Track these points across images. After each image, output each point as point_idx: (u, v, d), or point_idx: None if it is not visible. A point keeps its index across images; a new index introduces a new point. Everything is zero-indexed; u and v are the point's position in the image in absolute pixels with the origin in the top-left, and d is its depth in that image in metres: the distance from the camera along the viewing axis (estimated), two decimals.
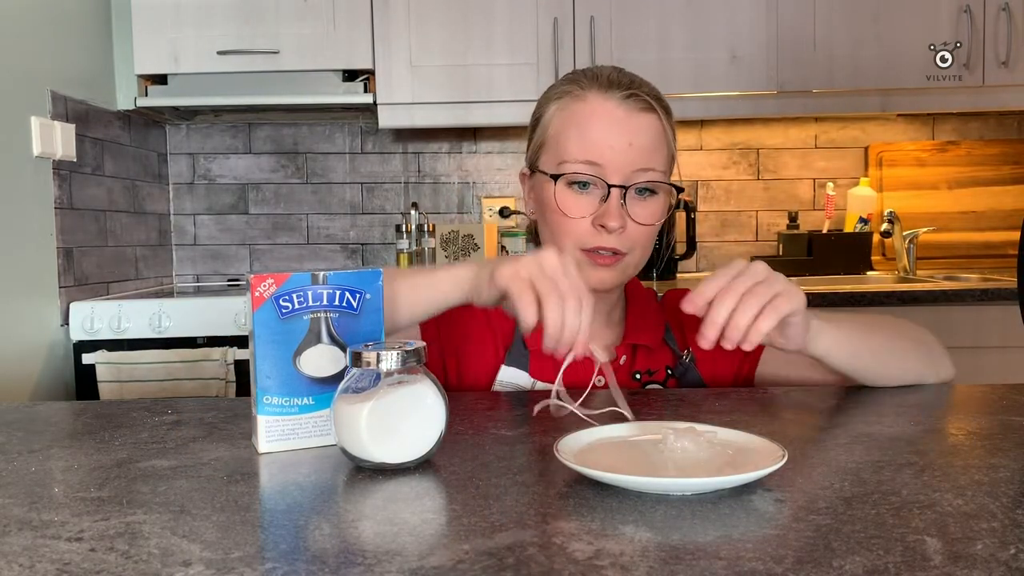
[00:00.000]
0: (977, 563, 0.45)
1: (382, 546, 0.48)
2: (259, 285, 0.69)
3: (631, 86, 0.97)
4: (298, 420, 0.71)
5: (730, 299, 0.75)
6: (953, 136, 2.71)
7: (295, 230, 2.77)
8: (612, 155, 0.94)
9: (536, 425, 0.78)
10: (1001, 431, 0.73)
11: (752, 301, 0.75)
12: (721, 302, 0.75)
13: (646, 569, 0.44)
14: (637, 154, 0.95)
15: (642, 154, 0.95)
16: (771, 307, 0.75)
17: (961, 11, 2.30)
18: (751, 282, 0.76)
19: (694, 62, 2.34)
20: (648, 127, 0.96)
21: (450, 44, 2.36)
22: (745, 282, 0.76)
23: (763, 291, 0.76)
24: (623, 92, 0.96)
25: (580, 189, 0.96)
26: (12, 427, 0.80)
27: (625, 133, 0.95)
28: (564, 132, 0.97)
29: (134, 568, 0.46)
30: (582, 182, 0.96)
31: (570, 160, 0.96)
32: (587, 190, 0.96)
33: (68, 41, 2.17)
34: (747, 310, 0.74)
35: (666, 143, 0.98)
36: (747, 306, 0.74)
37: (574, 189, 0.96)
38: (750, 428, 0.70)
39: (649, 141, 0.96)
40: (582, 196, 0.96)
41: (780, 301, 0.76)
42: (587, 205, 0.96)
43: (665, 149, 0.98)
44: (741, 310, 0.74)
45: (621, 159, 0.94)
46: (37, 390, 1.98)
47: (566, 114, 0.98)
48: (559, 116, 0.98)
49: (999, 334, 2.08)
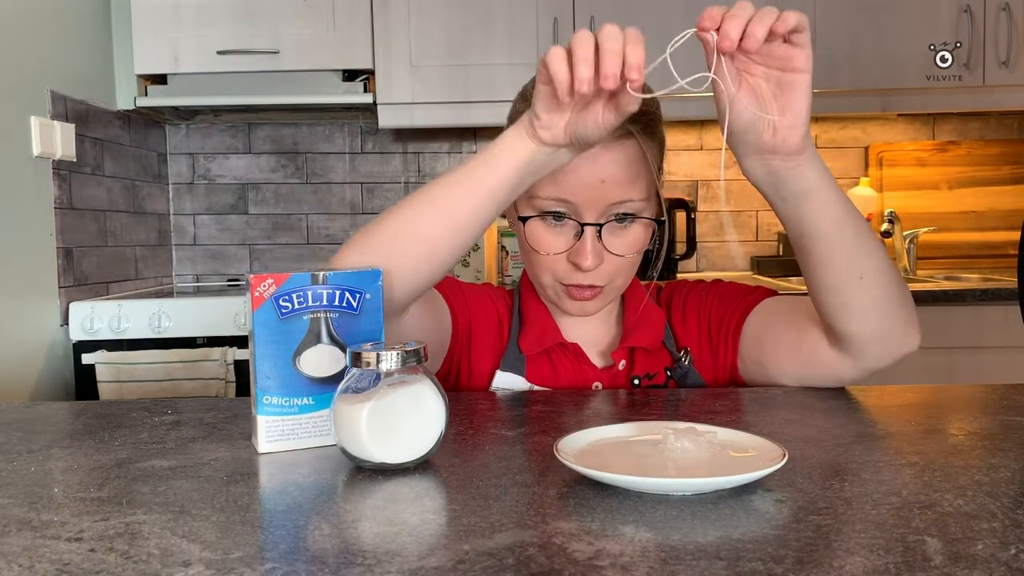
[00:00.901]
0: (977, 563, 0.45)
1: (382, 546, 0.48)
2: (259, 285, 0.69)
3: None
4: (297, 420, 0.71)
5: (747, 7, 0.70)
6: (953, 136, 2.71)
7: (295, 230, 2.77)
8: (585, 193, 0.89)
9: (536, 425, 0.78)
10: (1001, 431, 0.73)
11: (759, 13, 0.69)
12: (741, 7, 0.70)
13: (646, 569, 0.44)
14: (612, 189, 0.89)
15: (617, 188, 0.89)
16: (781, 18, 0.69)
17: (961, 11, 2.30)
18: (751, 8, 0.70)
19: (694, 62, 2.33)
20: (623, 158, 0.89)
21: (450, 44, 2.36)
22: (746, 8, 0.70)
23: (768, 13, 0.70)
24: None
25: (555, 221, 0.92)
26: (12, 427, 0.80)
27: (598, 170, 0.88)
28: None
29: (134, 568, 0.46)
30: (556, 213, 0.91)
31: (541, 196, 0.90)
32: (561, 223, 0.92)
33: (68, 41, 2.17)
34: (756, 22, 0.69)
35: (646, 166, 0.92)
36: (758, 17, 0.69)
37: (548, 222, 0.92)
38: (750, 428, 0.70)
39: (625, 173, 0.89)
40: (555, 230, 0.92)
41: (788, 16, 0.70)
42: (561, 242, 0.92)
43: (645, 173, 0.92)
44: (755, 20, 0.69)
45: (594, 196, 0.89)
46: (37, 390, 1.98)
47: None
48: None
49: (999, 334, 2.08)
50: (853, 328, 0.85)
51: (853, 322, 0.84)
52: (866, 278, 0.81)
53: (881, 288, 0.83)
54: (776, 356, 0.95)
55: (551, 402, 0.88)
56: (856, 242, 0.81)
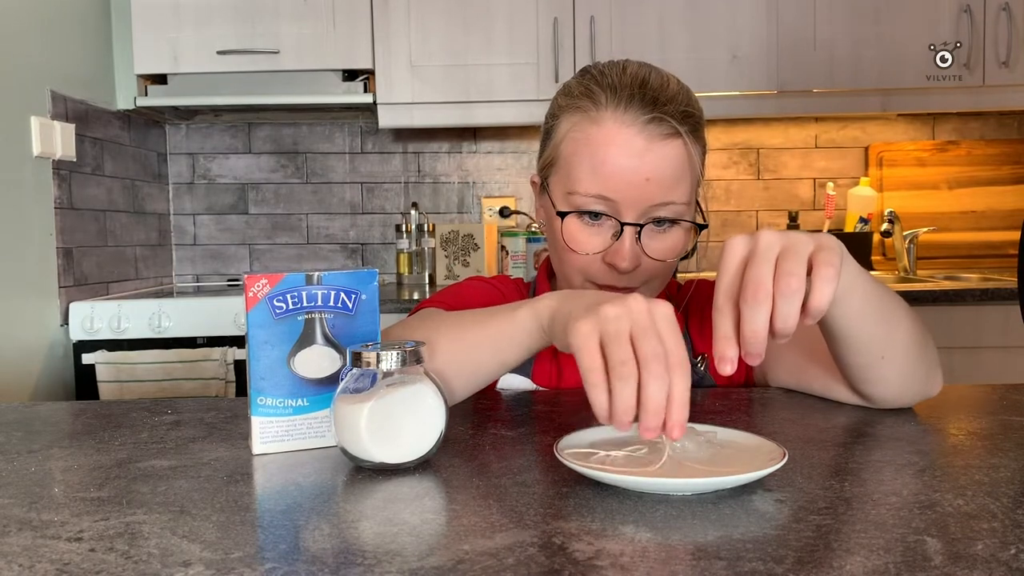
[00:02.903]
0: (978, 563, 0.45)
1: (382, 546, 0.48)
2: (253, 285, 0.68)
3: (655, 105, 0.86)
4: (292, 421, 0.70)
5: (762, 300, 0.58)
6: (953, 136, 2.71)
7: (295, 230, 2.77)
8: (627, 191, 0.85)
9: (536, 425, 0.78)
10: (1001, 431, 0.73)
11: (786, 286, 0.58)
12: (753, 308, 0.58)
13: (646, 569, 0.44)
14: (656, 189, 0.86)
15: (661, 189, 0.86)
16: (816, 279, 0.59)
17: (961, 11, 2.30)
18: (769, 265, 0.59)
19: (694, 62, 2.34)
20: (670, 157, 0.86)
21: (450, 44, 2.36)
22: (762, 266, 0.59)
23: (791, 267, 0.59)
24: (645, 115, 0.85)
25: (592, 220, 0.88)
26: (12, 427, 0.80)
27: (643, 167, 0.85)
28: (576, 159, 0.88)
29: (134, 568, 0.46)
30: (594, 212, 0.88)
31: (581, 192, 0.87)
32: (599, 221, 0.88)
33: (68, 41, 2.17)
34: (784, 303, 0.58)
35: (691, 169, 0.89)
36: (783, 298, 0.58)
37: (585, 220, 0.89)
38: (750, 428, 0.70)
39: (670, 173, 0.86)
40: (593, 229, 0.89)
41: (819, 262, 0.59)
42: (598, 241, 0.88)
43: (689, 176, 0.88)
44: (780, 305, 0.58)
45: (637, 194, 0.86)
46: (37, 390, 1.98)
47: (579, 136, 0.88)
48: (571, 137, 0.89)
49: (999, 334, 2.08)
50: (874, 392, 0.80)
51: (874, 389, 0.80)
52: (887, 357, 0.76)
53: (904, 360, 0.78)
54: (795, 380, 0.90)
55: (551, 402, 0.88)
56: (877, 329, 0.74)
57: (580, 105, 0.89)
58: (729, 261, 0.62)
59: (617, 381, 0.57)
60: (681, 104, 0.88)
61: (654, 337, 0.58)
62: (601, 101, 0.87)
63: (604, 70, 0.91)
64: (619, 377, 0.57)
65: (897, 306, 0.76)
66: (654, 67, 0.92)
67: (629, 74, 0.89)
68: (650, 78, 0.89)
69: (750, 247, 0.61)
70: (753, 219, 2.75)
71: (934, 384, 0.82)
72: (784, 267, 0.59)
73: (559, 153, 0.91)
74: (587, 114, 0.88)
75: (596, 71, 0.92)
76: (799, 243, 0.60)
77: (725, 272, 0.62)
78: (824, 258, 0.60)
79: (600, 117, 0.87)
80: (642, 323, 0.59)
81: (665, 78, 0.90)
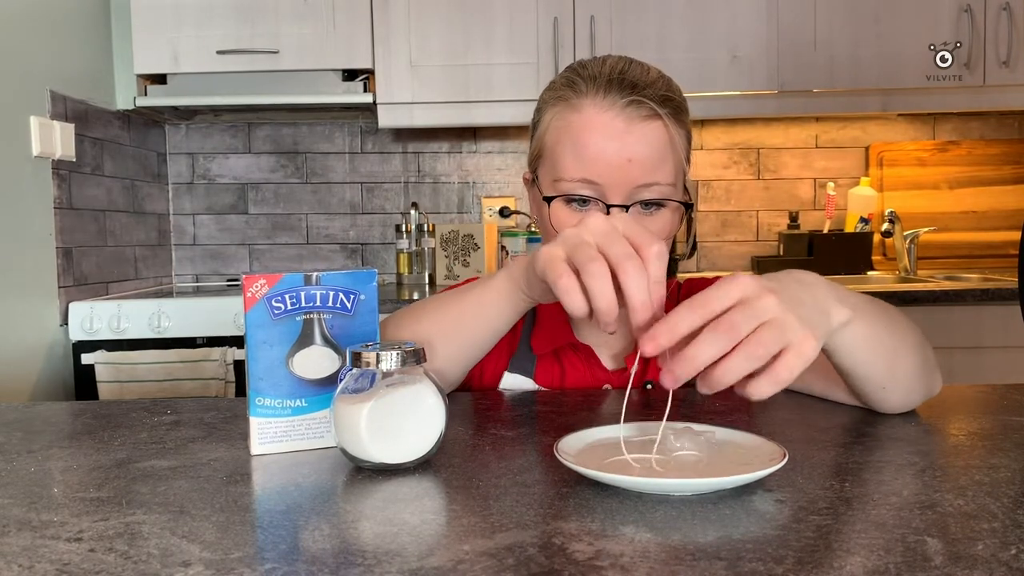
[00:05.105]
0: (978, 563, 0.45)
1: (382, 546, 0.48)
2: (251, 286, 0.68)
3: (634, 89, 0.88)
4: (291, 422, 0.70)
5: (722, 339, 0.55)
6: (954, 136, 2.71)
7: (295, 230, 2.77)
8: (611, 173, 0.87)
9: (536, 425, 0.78)
10: (1001, 431, 0.73)
11: (752, 351, 0.55)
12: (711, 340, 0.55)
13: (646, 570, 0.44)
14: (638, 170, 0.87)
15: (644, 169, 0.87)
16: (772, 371, 0.56)
17: (961, 11, 2.30)
18: (755, 322, 0.56)
19: (695, 62, 2.34)
20: (651, 138, 0.87)
21: (450, 44, 2.36)
22: (748, 321, 0.56)
23: (769, 339, 0.55)
24: (624, 98, 0.87)
25: (579, 207, 0.90)
26: (12, 427, 0.80)
27: (624, 149, 0.87)
28: (559, 146, 0.90)
29: (134, 568, 0.46)
30: (581, 198, 0.89)
31: (566, 178, 0.89)
32: (587, 207, 0.89)
33: (68, 41, 2.17)
34: (741, 361, 0.55)
35: (673, 151, 0.89)
36: (743, 356, 0.55)
37: (572, 207, 0.90)
38: (750, 428, 0.70)
39: (652, 153, 0.87)
40: (580, 215, 0.89)
41: (788, 360, 0.56)
42: None
43: (672, 158, 0.89)
44: (736, 358, 0.55)
45: (620, 176, 0.87)
46: (36, 390, 1.98)
47: (561, 125, 0.90)
48: (554, 126, 0.91)
49: (999, 334, 2.08)
50: (876, 408, 0.81)
51: (876, 407, 0.81)
52: (889, 388, 0.76)
53: (907, 387, 0.77)
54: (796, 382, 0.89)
55: (551, 402, 0.88)
56: (878, 365, 0.73)
57: (561, 95, 0.91)
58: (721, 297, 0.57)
59: (589, 279, 0.58)
60: (660, 89, 0.90)
61: (619, 240, 0.59)
62: (581, 89, 0.89)
63: (586, 63, 0.94)
64: (590, 275, 0.58)
65: (897, 334, 0.75)
66: (636, 60, 0.94)
67: (609, 65, 0.91)
68: (630, 67, 0.91)
69: (746, 296, 0.57)
70: (753, 219, 2.74)
71: (934, 388, 0.83)
72: (762, 336, 0.55)
73: (544, 144, 0.93)
74: (568, 103, 0.90)
75: (578, 64, 0.94)
76: (790, 321, 0.56)
77: (714, 303, 0.57)
78: (798, 350, 0.56)
79: (580, 104, 0.89)
80: (602, 229, 0.60)
81: (645, 68, 0.92)
